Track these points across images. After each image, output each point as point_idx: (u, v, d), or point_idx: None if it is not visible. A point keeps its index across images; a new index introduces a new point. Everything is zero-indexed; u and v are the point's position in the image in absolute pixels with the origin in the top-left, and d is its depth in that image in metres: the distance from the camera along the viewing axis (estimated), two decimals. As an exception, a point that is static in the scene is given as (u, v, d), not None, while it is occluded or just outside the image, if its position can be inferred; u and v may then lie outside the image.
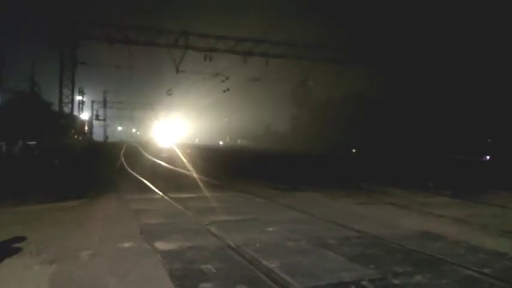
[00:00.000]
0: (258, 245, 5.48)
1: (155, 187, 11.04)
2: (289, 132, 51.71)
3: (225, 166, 20.43)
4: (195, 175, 14.95)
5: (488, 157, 24.38)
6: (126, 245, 5.46)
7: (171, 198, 9.30)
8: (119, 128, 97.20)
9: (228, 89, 35.98)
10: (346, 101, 36.99)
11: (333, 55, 29.79)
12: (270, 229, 6.45)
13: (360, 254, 5.16)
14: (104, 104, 65.66)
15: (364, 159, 24.37)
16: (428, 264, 4.73)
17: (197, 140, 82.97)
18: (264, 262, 4.72)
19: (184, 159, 23.46)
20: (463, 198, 9.93)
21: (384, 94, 32.12)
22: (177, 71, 27.80)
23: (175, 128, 79.56)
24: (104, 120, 68.60)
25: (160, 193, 10.05)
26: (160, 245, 5.42)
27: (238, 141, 58.52)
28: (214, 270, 4.46)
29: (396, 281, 4.18)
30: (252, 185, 12.16)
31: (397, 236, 6.02)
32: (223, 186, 11.86)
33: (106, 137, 70.73)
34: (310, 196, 10.29)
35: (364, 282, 4.13)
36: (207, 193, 10.38)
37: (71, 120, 33.01)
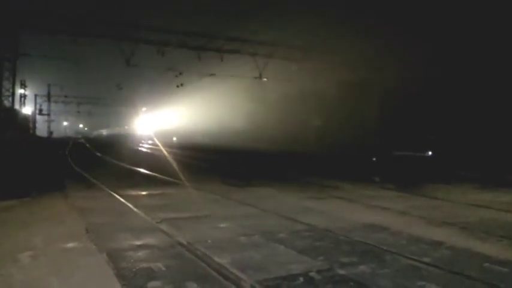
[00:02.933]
0: (209, 241, 5.46)
1: (103, 184, 10.66)
2: (246, 128, 51.79)
3: (178, 163, 20.14)
4: (147, 172, 14.61)
5: (430, 153, 25.78)
6: (71, 245, 5.24)
7: (120, 195, 9.02)
8: (65, 123, 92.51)
9: (182, 84, 35.56)
10: (302, 99, 37.64)
11: (287, 52, 30.19)
12: (222, 225, 6.44)
13: (309, 246, 5.29)
14: (48, 98, 62.08)
15: (317, 156, 24.94)
16: (373, 255, 4.94)
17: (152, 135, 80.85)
18: (216, 258, 4.71)
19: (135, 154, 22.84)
20: (407, 192, 10.45)
21: (337, 92, 33.03)
22: (128, 64, 26.91)
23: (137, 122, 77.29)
24: (48, 115, 65.01)
25: (109, 190, 9.72)
26: (107, 244, 5.25)
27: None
28: (164, 269, 4.39)
29: (342, 271, 4.34)
30: (207, 181, 12.09)
31: (345, 228, 6.24)
32: (176, 183, 11.68)
33: (50, 133, 67.09)
34: (264, 191, 10.39)
35: (312, 274, 4.25)
36: (158, 190, 10.18)
37: (12, 114, 31.01)
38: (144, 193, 9.75)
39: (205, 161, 21.23)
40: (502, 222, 6.91)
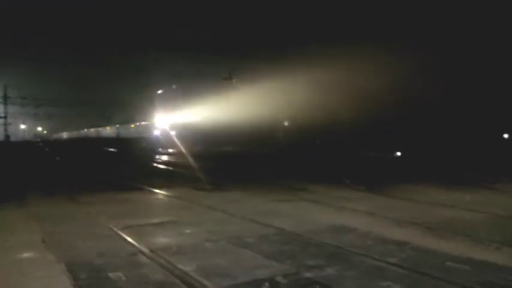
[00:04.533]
0: (174, 248, 5.30)
1: (61, 188, 10.26)
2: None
3: (144, 165, 19.72)
4: (108, 175, 14.20)
5: (399, 153, 26.35)
6: (26, 255, 4.97)
7: (80, 202, 8.69)
8: (22, 126, 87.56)
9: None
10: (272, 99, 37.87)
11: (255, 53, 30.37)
12: (188, 231, 6.28)
13: (276, 250, 5.22)
14: (5, 100, 58.57)
15: (287, 157, 25.01)
16: (340, 257, 4.92)
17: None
18: (180, 266, 4.57)
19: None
20: (376, 193, 10.57)
21: (307, 92, 33.44)
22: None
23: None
24: (5, 118, 61.59)
25: (68, 196, 9.35)
26: (65, 254, 5.00)
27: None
28: (124, 278, 4.21)
29: (308, 274, 4.28)
30: (174, 185, 11.84)
31: (313, 231, 6.21)
32: (140, 187, 11.38)
33: (7, 137, 63.68)
34: (233, 195, 10.27)
35: (278, 278, 4.17)
36: (122, 195, 9.88)
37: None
38: (106, 198, 9.43)
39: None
40: (465, 221, 7.07)
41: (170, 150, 33.32)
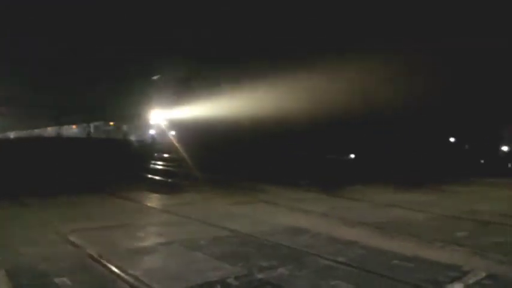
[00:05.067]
0: (124, 252, 5.15)
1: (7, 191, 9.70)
2: None
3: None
4: (59, 176, 13.58)
5: (353, 156, 27.16)
6: (-39, 263, 4.64)
7: (23, 204, 8.26)
8: None
9: None
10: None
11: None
12: (140, 234, 6.14)
13: (230, 252, 5.21)
14: None
15: (247, 158, 25.02)
16: (292, 257, 4.99)
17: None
18: (129, 270, 4.44)
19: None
20: (330, 194, 10.84)
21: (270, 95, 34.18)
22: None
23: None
24: None
25: (12, 198, 8.85)
26: (6, 259, 4.72)
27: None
28: (70, 283, 4.04)
29: (260, 276, 4.31)
30: (128, 187, 11.52)
31: (268, 232, 6.26)
32: (92, 189, 10.97)
33: None
34: (190, 197, 10.15)
35: (229, 280, 4.16)
36: (71, 198, 9.48)
37: None
38: (52, 201, 9.01)
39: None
40: (411, 221, 7.40)
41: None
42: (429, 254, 5.24)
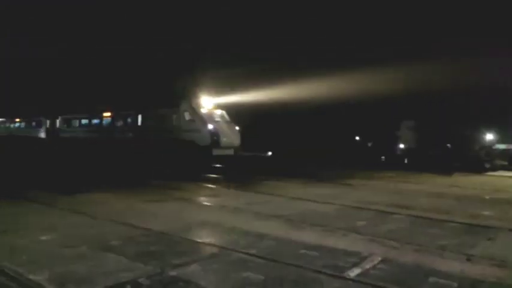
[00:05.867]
0: (24, 257, 4.78)
1: None
2: None
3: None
4: None
5: (270, 153, 28.06)
6: None
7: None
8: None
9: None
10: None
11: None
12: (43, 238, 5.72)
13: (142, 252, 5.12)
14: None
15: (160, 156, 24.43)
16: (205, 252, 5.09)
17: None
18: (31, 276, 4.16)
19: None
20: (244, 189, 11.11)
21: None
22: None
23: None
24: None
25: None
26: None
27: None
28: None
29: (173, 273, 4.32)
30: (28, 188, 10.61)
31: (181, 229, 6.25)
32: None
33: None
34: (97, 197, 9.66)
35: (141, 280, 4.11)
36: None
37: None
38: None
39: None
40: (319, 213, 7.93)
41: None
42: (332, 242, 5.68)
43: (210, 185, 12.03)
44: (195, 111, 22.25)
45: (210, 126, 21.34)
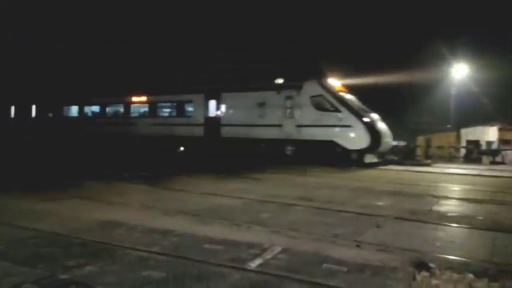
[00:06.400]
0: None
1: None
2: None
3: None
4: None
5: (182, 148, 27.60)
6: None
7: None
8: None
9: None
10: None
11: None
12: None
13: (32, 255, 4.70)
14: None
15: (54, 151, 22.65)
16: (103, 253, 4.82)
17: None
18: None
19: None
20: (153, 185, 10.80)
21: None
22: None
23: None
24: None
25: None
26: None
27: None
28: None
29: (64, 276, 4.03)
30: None
31: (80, 229, 5.88)
32: None
33: None
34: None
35: (25, 285, 3.77)
36: None
37: None
38: None
39: None
40: (226, 207, 8.02)
41: None
42: (237, 235, 5.79)
43: (113, 182, 11.46)
44: (333, 94, 15.30)
45: (367, 120, 14.84)
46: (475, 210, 8.26)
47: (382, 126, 16.40)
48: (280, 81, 18.06)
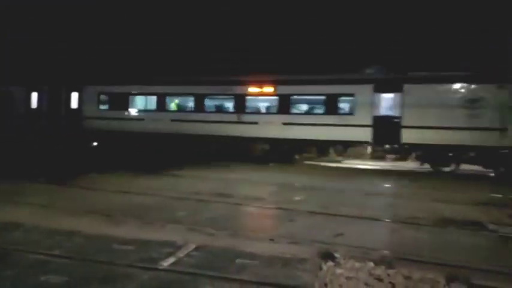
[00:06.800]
0: None
1: None
2: None
3: None
4: None
5: (95, 143, 26.05)
6: None
7: None
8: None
9: None
10: None
11: None
12: None
13: None
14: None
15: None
16: (-3, 258, 4.36)
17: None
18: None
19: None
20: (60, 184, 10.01)
21: None
22: None
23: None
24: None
25: None
26: None
27: None
28: None
29: None
30: None
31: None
32: None
33: None
34: None
35: None
36: None
37: None
38: None
39: None
40: (141, 205, 7.70)
41: None
42: (149, 234, 5.60)
43: (17, 182, 10.43)
44: None
45: None
46: (381, 203, 8.92)
47: None
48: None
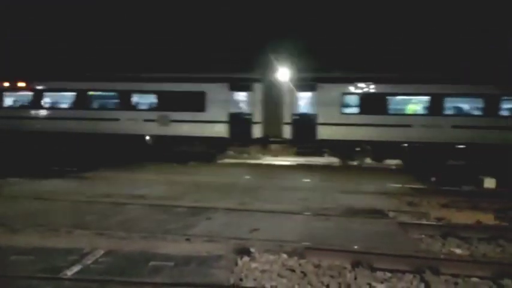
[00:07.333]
0: None
1: None
2: None
3: None
4: None
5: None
6: None
7: None
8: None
9: None
10: None
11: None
12: None
13: None
14: None
15: None
16: None
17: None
18: None
19: None
20: None
21: None
22: None
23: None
24: None
25: None
26: None
27: None
28: None
29: None
30: None
31: None
32: None
33: None
34: None
35: None
36: None
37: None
38: None
39: None
40: (43, 212, 7.05)
41: None
42: (53, 242, 5.18)
43: None
44: None
45: None
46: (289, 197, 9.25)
47: None
48: None
